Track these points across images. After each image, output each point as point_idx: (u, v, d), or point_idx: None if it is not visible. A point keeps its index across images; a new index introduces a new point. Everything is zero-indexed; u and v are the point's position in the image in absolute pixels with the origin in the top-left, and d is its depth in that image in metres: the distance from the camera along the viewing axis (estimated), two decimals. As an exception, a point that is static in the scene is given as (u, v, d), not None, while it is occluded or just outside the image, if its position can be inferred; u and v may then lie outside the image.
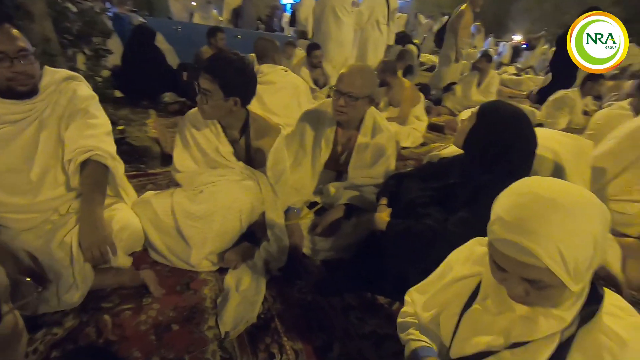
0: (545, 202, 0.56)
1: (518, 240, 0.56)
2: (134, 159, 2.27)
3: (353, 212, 1.65)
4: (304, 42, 5.65)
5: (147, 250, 1.46)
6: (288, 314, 1.28)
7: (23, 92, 1.16)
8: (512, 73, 9.03)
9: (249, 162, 1.53)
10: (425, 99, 3.83)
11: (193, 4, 9.33)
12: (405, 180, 1.48)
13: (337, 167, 1.81)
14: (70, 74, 1.30)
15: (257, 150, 1.50)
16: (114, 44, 3.61)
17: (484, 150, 1.18)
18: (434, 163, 1.51)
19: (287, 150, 1.60)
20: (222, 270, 1.43)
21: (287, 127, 2.05)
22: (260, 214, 1.51)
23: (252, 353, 1.12)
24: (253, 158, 1.52)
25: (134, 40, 3.62)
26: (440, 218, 1.19)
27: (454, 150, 1.50)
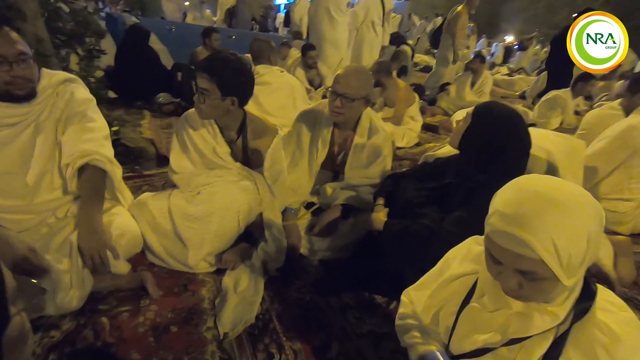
0: (543, 197, 0.58)
1: (514, 232, 0.57)
2: (129, 160, 2.25)
3: (350, 212, 1.65)
4: (299, 42, 5.65)
5: (144, 253, 1.45)
6: (286, 314, 1.28)
7: (21, 95, 1.15)
8: (504, 73, 9.14)
9: (246, 162, 1.54)
10: (420, 100, 3.86)
11: (186, 4, 9.30)
12: (402, 181, 1.50)
13: (333, 167, 1.82)
14: (68, 77, 1.28)
15: (254, 151, 1.51)
16: (107, 45, 3.58)
17: (479, 151, 1.19)
18: (430, 163, 1.52)
19: (284, 151, 1.60)
20: (220, 272, 1.43)
21: (283, 127, 2.04)
22: (258, 215, 1.51)
23: (251, 353, 1.12)
24: (250, 159, 1.52)
25: (128, 41, 3.61)
26: (437, 218, 1.21)
27: (450, 150, 1.52)
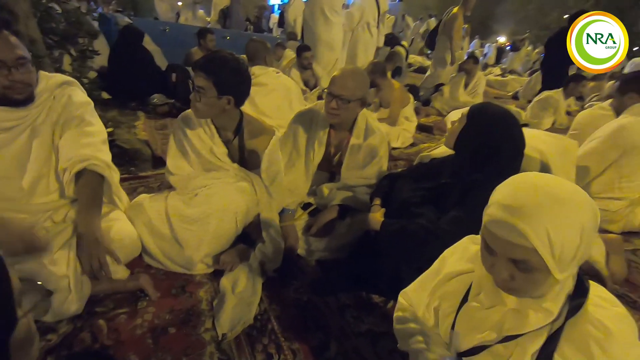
0: (541, 190, 0.60)
1: (510, 221, 0.60)
2: (125, 162, 2.24)
3: (347, 212, 1.66)
4: (293, 43, 5.66)
5: (141, 255, 1.44)
6: (285, 315, 1.29)
7: (20, 100, 1.14)
8: (497, 74, 9.23)
9: (243, 164, 1.54)
10: (414, 100, 3.88)
11: (179, 4, 9.24)
12: (398, 181, 1.51)
13: (330, 168, 1.82)
14: (65, 79, 1.27)
15: (251, 152, 1.51)
16: (100, 45, 3.56)
17: (475, 151, 1.21)
18: (426, 163, 1.53)
19: (281, 152, 1.61)
20: (217, 273, 1.43)
21: (279, 128, 2.05)
22: (255, 216, 1.52)
23: (250, 354, 1.13)
24: (247, 160, 1.53)
25: (122, 41, 3.58)
26: (433, 218, 1.22)
27: (445, 151, 1.54)
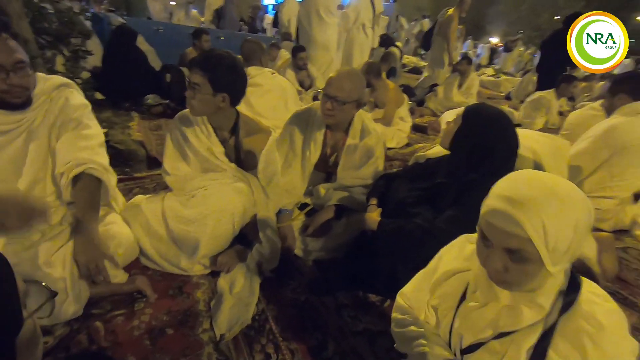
0: (539, 185, 0.63)
1: (507, 210, 0.62)
2: (120, 163, 2.22)
3: (343, 212, 1.67)
4: (288, 43, 5.66)
5: (137, 256, 1.43)
6: (282, 315, 1.29)
7: (17, 104, 1.12)
8: (490, 75, 9.31)
9: (239, 164, 1.54)
10: (409, 101, 3.91)
11: (172, 4, 9.17)
12: (394, 181, 1.52)
13: (326, 168, 1.83)
14: (63, 81, 1.26)
15: (247, 153, 1.51)
16: (93, 45, 3.53)
17: (470, 151, 1.23)
18: (421, 164, 1.54)
19: (277, 152, 1.61)
20: (214, 273, 1.43)
21: (275, 129, 2.06)
22: (252, 216, 1.52)
23: (248, 354, 1.13)
24: (244, 160, 1.53)
25: (115, 41, 3.55)
26: (430, 217, 1.23)
27: (440, 151, 1.55)
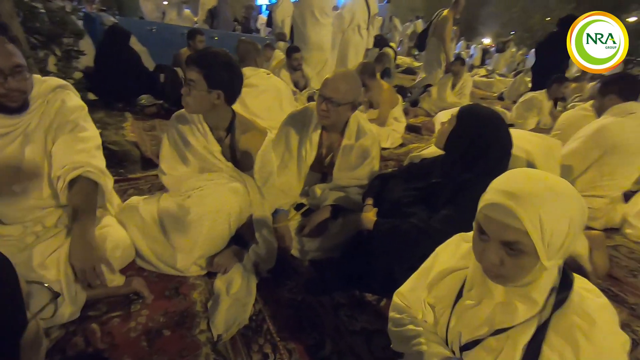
0: (537, 181, 0.65)
1: (505, 203, 0.63)
2: (114, 164, 2.20)
3: (339, 212, 1.68)
4: (282, 44, 5.66)
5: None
6: (279, 315, 1.30)
7: (14, 108, 1.11)
8: (482, 75, 9.41)
9: (236, 165, 1.53)
10: (403, 101, 3.93)
11: (165, 3, 9.09)
12: (390, 181, 1.53)
13: (322, 169, 1.83)
14: (59, 83, 1.24)
15: (244, 153, 1.51)
16: (86, 45, 3.48)
17: (464, 151, 1.24)
18: (416, 164, 1.56)
19: (273, 153, 1.61)
20: (211, 274, 1.43)
21: (270, 129, 2.06)
22: (248, 217, 1.52)
23: (246, 354, 1.13)
24: (240, 161, 1.52)
25: (108, 41, 3.52)
26: (425, 217, 1.24)
27: (435, 151, 1.57)
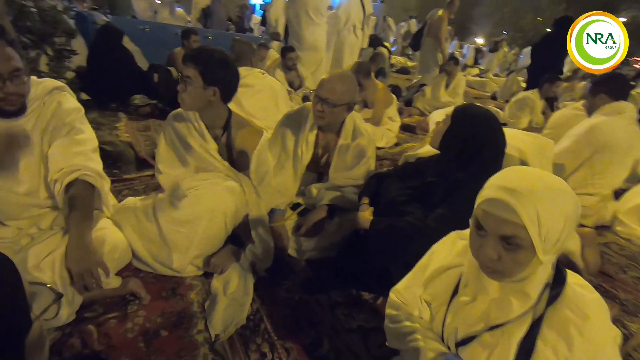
0: (534, 178, 0.66)
1: (503, 198, 0.64)
2: (108, 164, 2.19)
3: (336, 212, 1.68)
4: (277, 43, 5.65)
5: (129, 258, 1.42)
6: (277, 314, 1.30)
7: (12, 112, 1.10)
8: (475, 75, 9.49)
9: (232, 164, 1.53)
10: (397, 101, 3.95)
11: (157, 2, 9.01)
12: (385, 180, 1.55)
13: (317, 169, 1.84)
14: (56, 85, 1.23)
15: (240, 153, 1.51)
16: (78, 44, 3.44)
17: (459, 151, 1.26)
18: (412, 163, 1.57)
19: (269, 153, 1.61)
20: (208, 274, 1.43)
21: (266, 130, 2.06)
22: (244, 216, 1.52)
23: (244, 354, 1.14)
24: (236, 161, 1.52)
25: (100, 41, 3.48)
26: (421, 215, 1.26)
27: (430, 150, 1.59)
